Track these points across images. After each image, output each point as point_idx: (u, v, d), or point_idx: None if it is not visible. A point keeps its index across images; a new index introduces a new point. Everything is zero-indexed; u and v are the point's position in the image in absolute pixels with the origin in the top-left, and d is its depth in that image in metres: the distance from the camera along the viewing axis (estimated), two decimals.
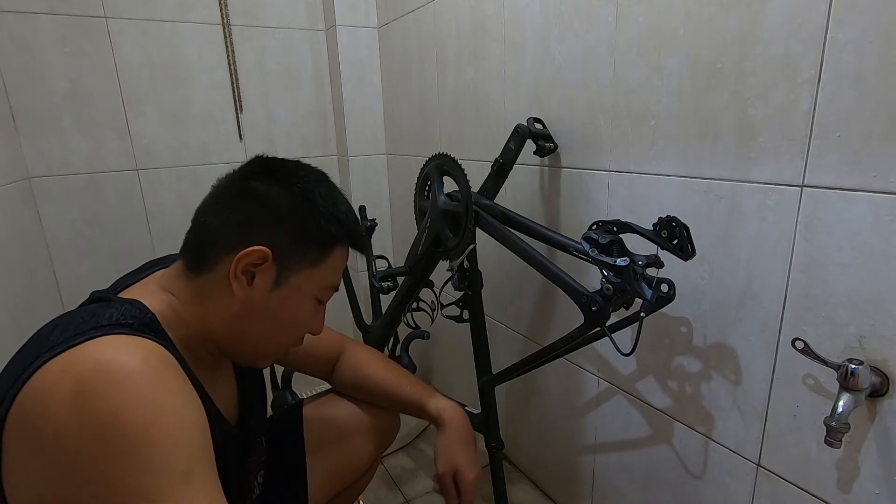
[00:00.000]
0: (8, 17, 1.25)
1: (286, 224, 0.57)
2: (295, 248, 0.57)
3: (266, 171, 0.59)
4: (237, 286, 0.55)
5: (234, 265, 0.54)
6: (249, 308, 0.57)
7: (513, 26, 1.03)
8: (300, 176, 0.59)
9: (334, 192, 0.61)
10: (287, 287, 0.58)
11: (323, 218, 0.58)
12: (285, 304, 0.59)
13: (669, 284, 0.67)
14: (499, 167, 0.95)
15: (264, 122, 1.61)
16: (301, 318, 0.62)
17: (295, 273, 0.58)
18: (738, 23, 0.66)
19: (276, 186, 0.57)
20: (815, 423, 0.66)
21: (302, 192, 0.58)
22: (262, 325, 0.59)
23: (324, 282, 0.61)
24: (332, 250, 0.60)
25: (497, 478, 1.09)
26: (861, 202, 0.57)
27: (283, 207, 0.57)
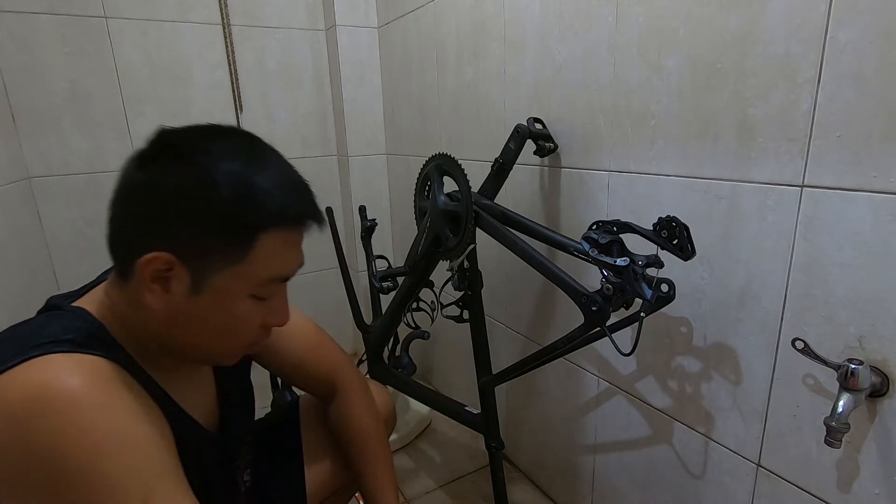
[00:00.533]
0: (8, 17, 1.25)
1: (187, 219, 0.46)
2: (205, 247, 0.47)
3: (164, 149, 0.48)
4: (151, 297, 0.48)
5: (140, 275, 0.47)
6: (176, 316, 0.49)
7: (513, 26, 1.03)
8: (205, 151, 0.47)
9: (255, 164, 0.49)
10: (209, 291, 0.48)
11: (231, 205, 0.46)
12: (213, 310, 0.50)
13: (669, 284, 0.67)
14: (499, 167, 0.95)
15: (264, 122, 1.61)
16: (239, 321, 0.52)
17: (215, 273, 0.48)
18: (738, 23, 0.66)
19: (173, 170, 0.46)
20: (815, 423, 0.66)
21: (204, 174, 0.46)
22: (199, 331, 0.51)
23: (257, 278, 0.50)
24: (255, 241, 0.48)
25: (497, 478, 1.09)
26: (861, 202, 0.57)
27: (183, 197, 0.46)
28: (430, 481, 1.30)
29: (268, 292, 0.52)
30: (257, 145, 0.52)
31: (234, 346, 0.55)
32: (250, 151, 0.50)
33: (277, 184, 0.50)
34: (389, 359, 1.32)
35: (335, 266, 1.35)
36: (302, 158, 1.70)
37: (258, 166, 0.49)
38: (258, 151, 0.51)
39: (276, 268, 0.51)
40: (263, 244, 0.49)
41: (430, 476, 1.32)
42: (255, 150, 0.51)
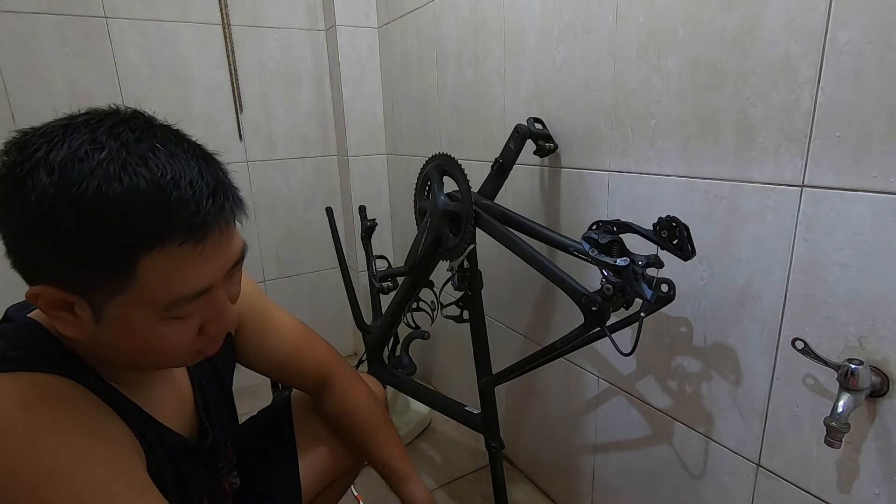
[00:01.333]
0: (8, 17, 1.25)
1: (46, 252, 0.39)
2: (79, 278, 0.40)
3: (4, 172, 0.39)
4: (62, 327, 0.43)
5: (37, 306, 0.42)
6: (98, 339, 0.44)
7: (513, 26, 1.03)
8: (46, 168, 0.37)
9: (112, 171, 0.38)
10: (110, 320, 0.42)
11: (82, 236, 0.38)
12: (127, 336, 0.44)
13: (669, 284, 0.67)
14: (499, 167, 0.95)
15: (264, 122, 1.61)
16: (162, 342, 0.45)
17: (107, 302, 0.41)
18: (738, 23, 0.66)
19: (13, 198, 0.38)
20: (815, 423, 0.66)
21: (43, 203, 0.37)
22: (129, 351, 0.46)
23: (156, 303, 0.42)
24: (134, 267, 0.40)
25: (497, 478, 1.09)
26: (861, 202, 0.57)
27: (30, 231, 0.39)
28: (430, 481, 1.30)
29: (182, 312, 0.44)
30: (124, 138, 0.40)
31: (174, 358, 0.50)
32: (110, 153, 0.38)
33: (146, 192, 0.39)
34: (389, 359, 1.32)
35: (335, 266, 1.35)
36: (302, 158, 1.70)
37: (116, 173, 0.38)
38: (123, 149, 0.39)
39: (178, 289, 0.42)
40: (147, 268, 0.40)
41: (430, 476, 1.32)
42: (118, 149, 0.39)
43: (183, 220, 0.40)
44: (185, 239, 0.41)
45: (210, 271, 0.44)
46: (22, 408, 0.40)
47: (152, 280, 0.41)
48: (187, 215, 0.40)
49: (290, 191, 1.70)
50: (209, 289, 0.45)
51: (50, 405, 0.42)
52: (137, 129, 0.42)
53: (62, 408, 0.42)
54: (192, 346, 0.48)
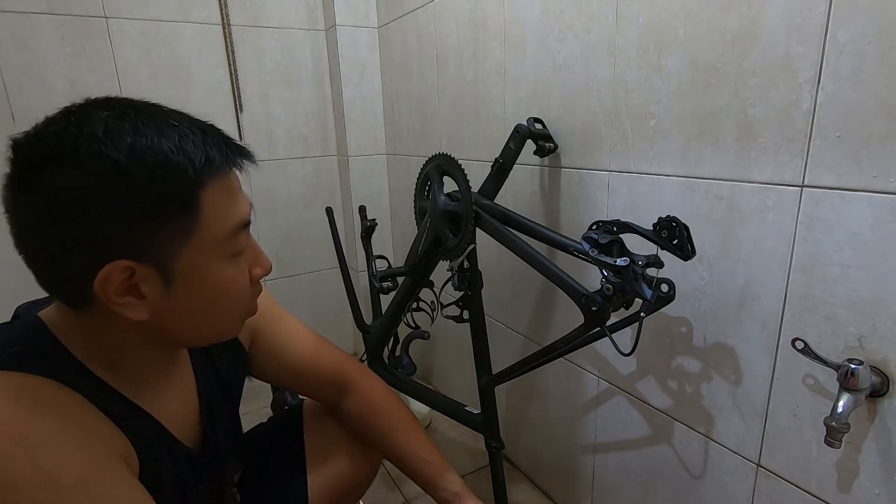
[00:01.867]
0: (8, 17, 1.25)
1: (114, 216, 0.41)
2: (151, 236, 0.43)
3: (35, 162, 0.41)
4: (129, 311, 0.44)
5: (103, 297, 0.43)
6: (163, 316, 0.47)
7: (513, 26, 1.03)
8: (88, 138, 0.40)
9: (149, 129, 0.42)
10: (183, 276, 0.45)
11: (150, 179, 0.41)
12: (198, 291, 0.47)
13: (669, 284, 0.67)
14: (499, 167, 0.95)
15: (264, 122, 1.61)
16: (229, 286, 0.49)
17: (178, 256, 0.45)
18: (738, 23, 0.66)
19: (64, 177, 0.40)
20: (815, 423, 0.66)
21: (100, 162, 0.40)
22: (196, 316, 0.49)
23: (219, 237, 0.47)
24: (198, 204, 0.44)
25: (497, 478, 1.09)
26: (861, 202, 0.57)
27: (95, 199, 0.40)
28: None
29: (239, 246, 0.49)
30: (137, 108, 0.44)
31: (233, 315, 0.53)
32: (135, 118, 0.43)
33: (185, 136, 0.44)
34: (389, 359, 1.32)
35: (335, 266, 1.35)
36: (302, 158, 1.70)
37: (154, 130, 0.43)
38: (142, 114, 0.44)
39: (232, 217, 0.48)
40: (207, 202, 0.45)
41: None
42: (140, 115, 0.43)
43: (220, 150, 0.46)
44: (227, 167, 0.47)
45: (244, 202, 0.50)
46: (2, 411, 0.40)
47: (210, 215, 0.45)
48: (222, 150, 0.46)
49: (290, 191, 1.70)
50: (249, 223, 0.50)
51: (30, 409, 0.41)
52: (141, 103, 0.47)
53: (41, 411, 0.42)
54: (246, 295, 0.52)
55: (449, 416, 1.15)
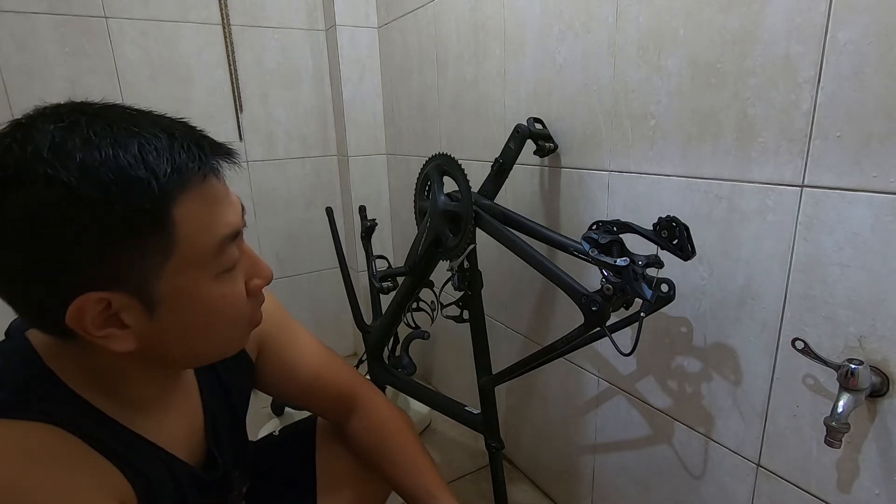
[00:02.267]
0: (8, 17, 1.25)
1: (73, 243, 0.37)
2: (122, 262, 0.38)
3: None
4: (112, 344, 0.41)
5: (80, 332, 0.39)
6: (153, 342, 0.43)
7: (513, 26, 1.03)
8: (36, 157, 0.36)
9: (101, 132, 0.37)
10: (166, 301, 0.41)
11: (113, 201, 0.36)
12: (185, 315, 0.43)
13: (669, 284, 0.67)
14: (499, 167, 0.95)
15: (264, 122, 1.61)
16: (223, 304, 0.45)
17: (157, 281, 0.40)
18: (738, 23, 0.66)
19: (15, 201, 0.36)
20: (815, 423, 0.66)
21: (50, 185, 0.35)
22: (189, 338, 0.45)
23: (201, 256, 0.42)
24: (171, 221, 0.39)
25: (497, 478, 1.09)
26: (861, 202, 0.57)
27: (51, 225, 0.36)
28: None
29: (228, 260, 0.44)
30: (90, 116, 0.39)
31: (233, 331, 0.49)
32: (86, 129, 0.37)
33: (146, 144, 0.39)
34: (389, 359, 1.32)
35: (335, 266, 1.35)
36: (302, 158, 1.70)
37: (109, 140, 0.37)
38: (96, 122, 0.38)
39: (215, 230, 0.42)
40: (182, 217, 0.40)
41: None
42: (93, 123, 0.38)
43: (192, 159, 0.40)
44: (198, 178, 0.41)
45: (232, 212, 0.45)
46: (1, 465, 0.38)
47: (189, 230, 0.40)
48: (195, 155, 0.41)
49: (290, 191, 1.70)
50: (239, 232, 0.45)
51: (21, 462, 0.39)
52: (98, 106, 0.41)
53: (33, 463, 0.39)
54: (246, 311, 0.48)
55: (449, 416, 1.15)
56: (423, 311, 1.12)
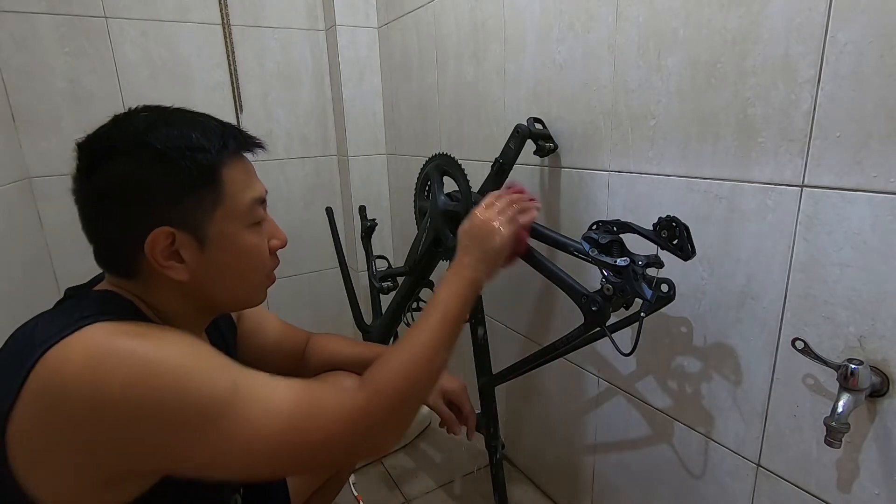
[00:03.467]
0: (8, 17, 1.25)
1: (156, 191, 0.52)
2: (184, 205, 0.53)
3: (93, 156, 0.52)
4: (173, 273, 0.54)
5: (152, 260, 0.53)
6: (199, 278, 0.56)
7: (513, 26, 1.03)
8: (132, 133, 0.52)
9: (177, 122, 0.54)
10: (212, 241, 0.55)
11: (180, 158, 0.52)
12: (227, 254, 0.56)
13: (669, 284, 0.67)
14: (499, 167, 0.95)
15: (264, 122, 1.61)
16: (253, 251, 0.59)
17: (209, 223, 0.54)
18: (738, 23, 0.66)
19: (115, 164, 0.51)
20: (815, 423, 0.66)
21: (144, 150, 0.51)
22: (227, 278, 0.58)
23: (241, 207, 0.56)
24: (221, 178, 0.54)
25: (497, 478, 1.09)
26: (861, 202, 0.57)
27: (137, 178, 0.51)
28: (430, 481, 1.30)
29: (258, 216, 0.59)
30: (169, 111, 0.57)
31: (259, 278, 0.62)
32: (167, 117, 0.55)
33: (207, 128, 0.55)
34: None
35: (335, 266, 1.35)
36: (302, 158, 1.70)
37: (181, 122, 0.54)
38: (173, 114, 0.56)
39: (250, 192, 0.58)
40: (228, 178, 0.55)
41: (430, 476, 1.32)
42: (171, 114, 0.56)
43: (234, 138, 0.56)
44: (242, 149, 0.58)
45: (260, 184, 0.60)
46: (135, 333, 0.48)
47: (232, 188, 0.55)
48: (237, 135, 0.57)
49: (290, 191, 1.70)
50: (264, 199, 0.60)
51: (155, 329, 0.51)
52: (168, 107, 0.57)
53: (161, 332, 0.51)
54: (268, 261, 0.62)
55: None
56: None
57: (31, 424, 0.45)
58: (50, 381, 0.44)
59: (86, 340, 0.46)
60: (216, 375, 0.49)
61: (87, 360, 0.45)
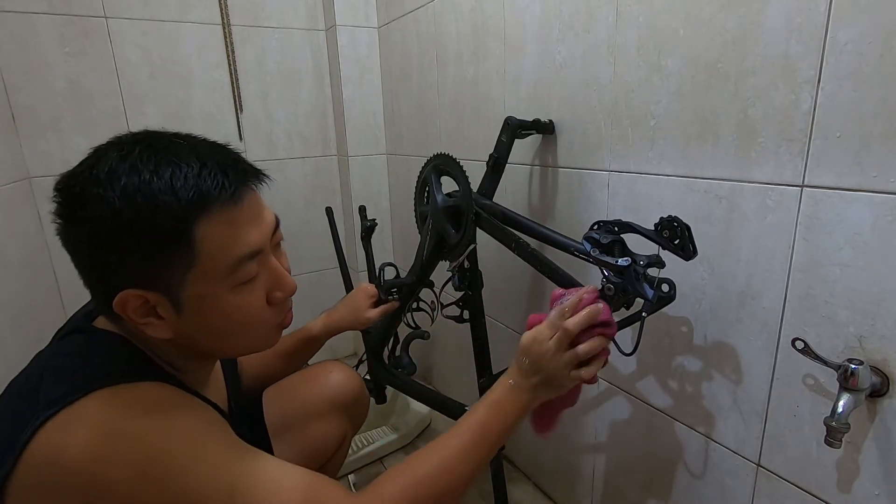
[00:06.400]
0: (8, 17, 1.25)
1: (120, 253, 0.46)
2: (154, 269, 0.47)
3: (67, 201, 0.47)
4: (151, 330, 0.50)
5: (126, 319, 0.49)
6: (185, 333, 0.51)
7: (513, 26, 1.03)
8: (96, 182, 0.45)
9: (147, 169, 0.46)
10: (189, 304, 0.49)
11: (140, 217, 0.45)
12: (207, 317, 0.51)
13: (670, 284, 0.67)
14: (494, 162, 0.95)
15: (264, 122, 1.61)
16: (240, 313, 0.52)
17: (182, 286, 0.48)
18: (738, 23, 0.66)
19: (83, 216, 0.46)
20: (815, 423, 0.66)
21: (101, 204, 0.45)
22: (215, 336, 0.53)
23: (220, 270, 0.49)
24: (193, 238, 0.47)
25: (497, 478, 1.09)
26: (861, 202, 0.57)
27: (103, 236, 0.46)
28: None
29: (245, 275, 0.51)
30: (145, 146, 0.48)
31: (255, 333, 0.55)
32: (137, 157, 0.47)
33: (178, 173, 0.47)
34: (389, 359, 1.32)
35: (335, 266, 1.35)
36: (302, 158, 1.70)
37: (150, 168, 0.46)
38: (146, 151, 0.47)
39: (234, 250, 0.49)
40: (204, 235, 0.47)
41: None
42: (144, 152, 0.47)
43: (216, 186, 0.48)
44: (223, 200, 0.48)
45: (256, 233, 0.52)
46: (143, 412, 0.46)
47: (211, 247, 0.48)
48: (219, 182, 0.48)
49: (290, 191, 1.70)
50: (261, 251, 0.52)
51: (163, 404, 0.48)
52: (156, 136, 0.50)
53: (174, 403, 0.49)
54: (268, 316, 0.55)
55: (449, 416, 1.15)
56: (423, 311, 1.12)
57: (28, 494, 0.43)
58: (50, 458, 0.42)
59: (90, 418, 0.44)
60: (216, 474, 0.46)
61: (90, 443, 0.43)
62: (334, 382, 0.90)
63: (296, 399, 0.88)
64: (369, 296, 0.98)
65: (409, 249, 1.01)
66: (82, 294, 0.61)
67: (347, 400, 0.90)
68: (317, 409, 0.87)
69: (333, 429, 0.88)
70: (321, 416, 0.86)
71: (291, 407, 0.86)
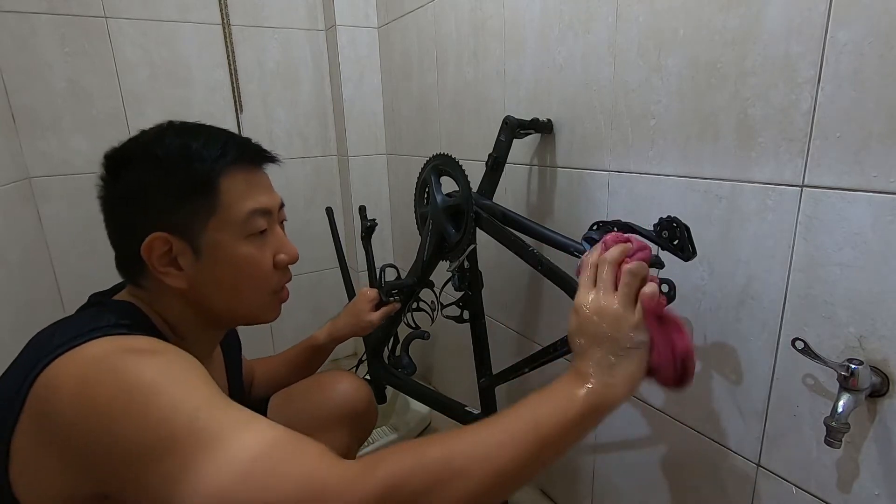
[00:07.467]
0: (8, 17, 1.25)
1: (153, 197, 0.54)
2: (181, 213, 0.54)
3: (113, 164, 0.56)
4: (170, 280, 0.55)
5: (150, 265, 0.54)
6: (198, 287, 0.57)
7: (513, 26, 1.03)
8: (143, 143, 0.56)
9: (184, 132, 0.57)
10: (206, 250, 0.56)
11: (179, 164, 0.54)
12: (220, 265, 0.57)
13: (670, 285, 0.66)
14: (493, 161, 0.95)
15: (264, 122, 1.61)
16: (248, 264, 0.58)
17: (203, 232, 0.55)
18: (738, 23, 0.66)
19: (127, 171, 0.55)
20: (815, 423, 0.66)
21: (147, 157, 0.55)
22: (224, 290, 0.58)
23: (236, 218, 0.57)
24: (217, 187, 0.56)
25: None
26: (861, 202, 0.57)
27: (142, 183, 0.54)
28: None
29: (257, 226, 0.58)
30: (187, 124, 0.59)
31: (259, 293, 0.61)
32: (179, 129, 0.58)
33: (212, 137, 0.57)
34: (389, 359, 1.32)
35: (335, 266, 1.35)
36: (302, 158, 1.70)
37: (188, 132, 0.57)
38: (187, 126, 0.59)
39: (250, 203, 0.58)
40: (226, 187, 0.56)
41: None
42: (184, 127, 0.59)
43: (240, 150, 0.58)
44: (244, 162, 0.58)
45: (267, 197, 0.61)
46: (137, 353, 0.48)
47: (229, 198, 0.56)
48: (242, 149, 0.59)
49: (290, 191, 1.70)
50: (270, 212, 0.61)
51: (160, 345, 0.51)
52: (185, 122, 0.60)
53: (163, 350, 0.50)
54: (271, 276, 0.61)
55: (449, 416, 1.15)
56: (423, 311, 1.12)
57: (27, 431, 0.45)
58: (47, 392, 0.45)
59: (87, 354, 0.46)
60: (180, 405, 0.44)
61: (80, 371, 0.45)
62: (342, 394, 0.88)
63: (301, 408, 0.86)
64: (370, 300, 1.00)
65: (409, 249, 1.01)
66: (82, 294, 0.61)
67: (353, 413, 0.88)
68: (321, 423, 0.85)
69: (335, 442, 0.85)
70: (325, 430, 0.84)
71: (297, 416, 0.84)
